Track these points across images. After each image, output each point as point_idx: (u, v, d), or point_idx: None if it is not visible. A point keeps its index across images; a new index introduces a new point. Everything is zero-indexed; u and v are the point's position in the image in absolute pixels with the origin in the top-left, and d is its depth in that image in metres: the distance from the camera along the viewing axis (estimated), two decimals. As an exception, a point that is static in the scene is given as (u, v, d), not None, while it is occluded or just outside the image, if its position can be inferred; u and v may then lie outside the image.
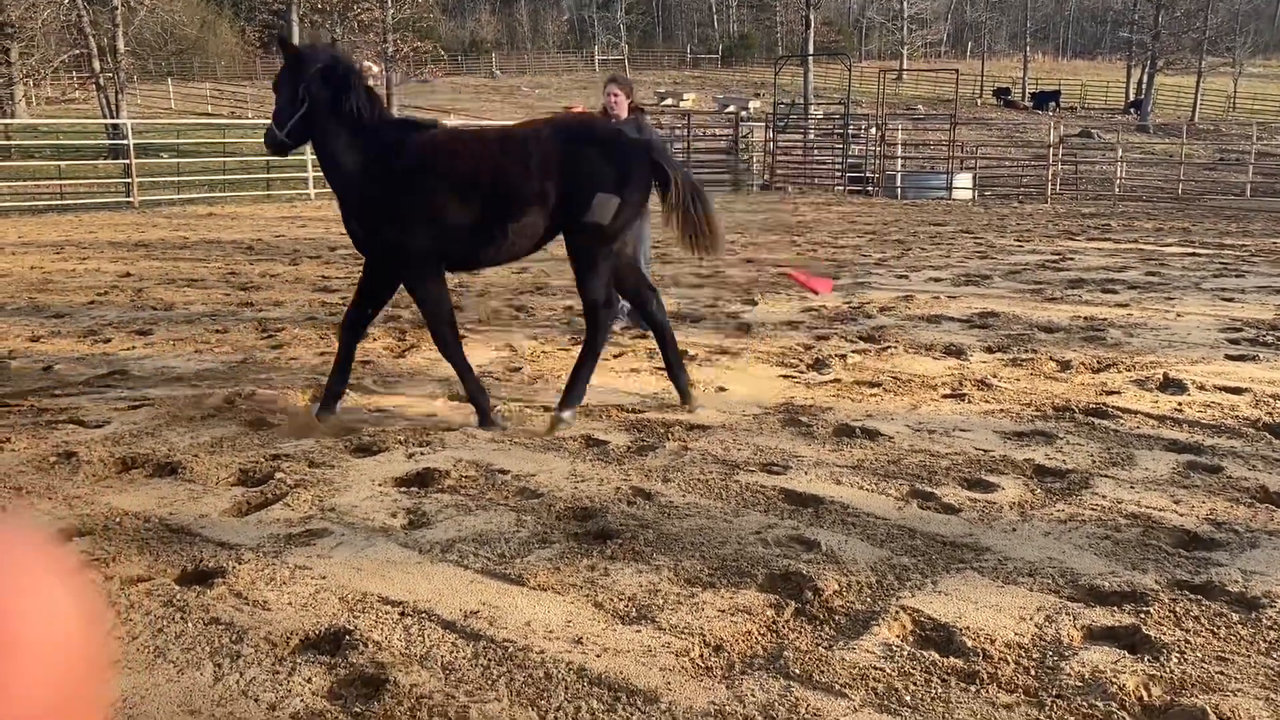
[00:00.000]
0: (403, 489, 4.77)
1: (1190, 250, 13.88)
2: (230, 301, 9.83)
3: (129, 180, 21.03)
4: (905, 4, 72.70)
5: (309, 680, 3.08)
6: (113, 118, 30.75)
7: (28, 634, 0.44)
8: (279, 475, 4.88)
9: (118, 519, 4.34)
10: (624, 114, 7.87)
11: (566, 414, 5.71)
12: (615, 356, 7.53)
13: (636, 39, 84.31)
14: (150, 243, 14.70)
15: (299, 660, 3.22)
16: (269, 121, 5.80)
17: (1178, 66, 60.23)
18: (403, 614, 3.50)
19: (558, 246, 5.89)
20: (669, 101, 58.49)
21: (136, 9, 33.47)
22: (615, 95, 7.97)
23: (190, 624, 3.43)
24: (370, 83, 5.88)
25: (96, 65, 32.42)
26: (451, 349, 5.80)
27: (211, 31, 66.07)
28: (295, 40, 38.94)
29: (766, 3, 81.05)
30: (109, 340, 8.10)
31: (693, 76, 73.74)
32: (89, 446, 5.28)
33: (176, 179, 23.93)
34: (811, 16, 52.70)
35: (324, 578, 3.78)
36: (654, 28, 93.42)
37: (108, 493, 4.68)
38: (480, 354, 7.57)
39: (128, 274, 11.60)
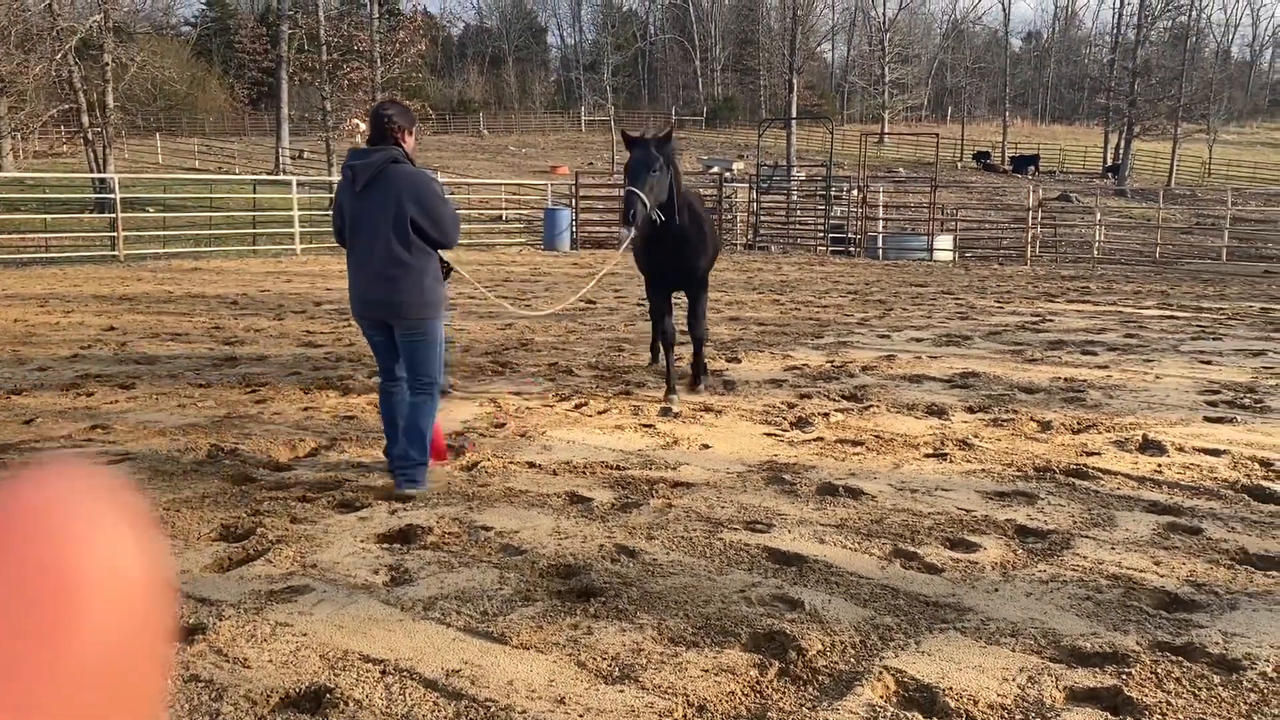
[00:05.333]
0: (385, 545, 4.75)
1: (1168, 313, 14.04)
2: (214, 356, 9.82)
3: (114, 234, 21.06)
4: (886, 69, 74.01)
5: (288, 739, 3.05)
6: (100, 172, 30.88)
7: (93, 571, 0.44)
8: (260, 531, 4.86)
9: (97, 574, 4.30)
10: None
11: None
12: (600, 413, 7.55)
13: (623, 100, 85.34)
14: (135, 296, 14.69)
15: (279, 719, 3.19)
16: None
17: (1154, 132, 61.40)
18: (384, 672, 3.48)
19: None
20: (654, 161, 58.98)
21: (127, 65, 33.72)
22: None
23: (169, 681, 3.40)
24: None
25: (85, 120, 32.60)
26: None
27: (201, 88, 66.65)
28: (283, 97, 39.23)
29: (750, 67, 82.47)
30: (92, 394, 8.07)
31: (678, 137, 74.56)
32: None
33: (162, 233, 23.96)
34: (795, 81, 53.62)
35: (305, 635, 3.76)
36: (640, 89, 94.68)
37: (87, 548, 4.64)
38: (463, 410, 7.58)
39: (112, 327, 11.58)
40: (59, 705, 0.43)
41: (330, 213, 5.98)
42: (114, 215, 21.14)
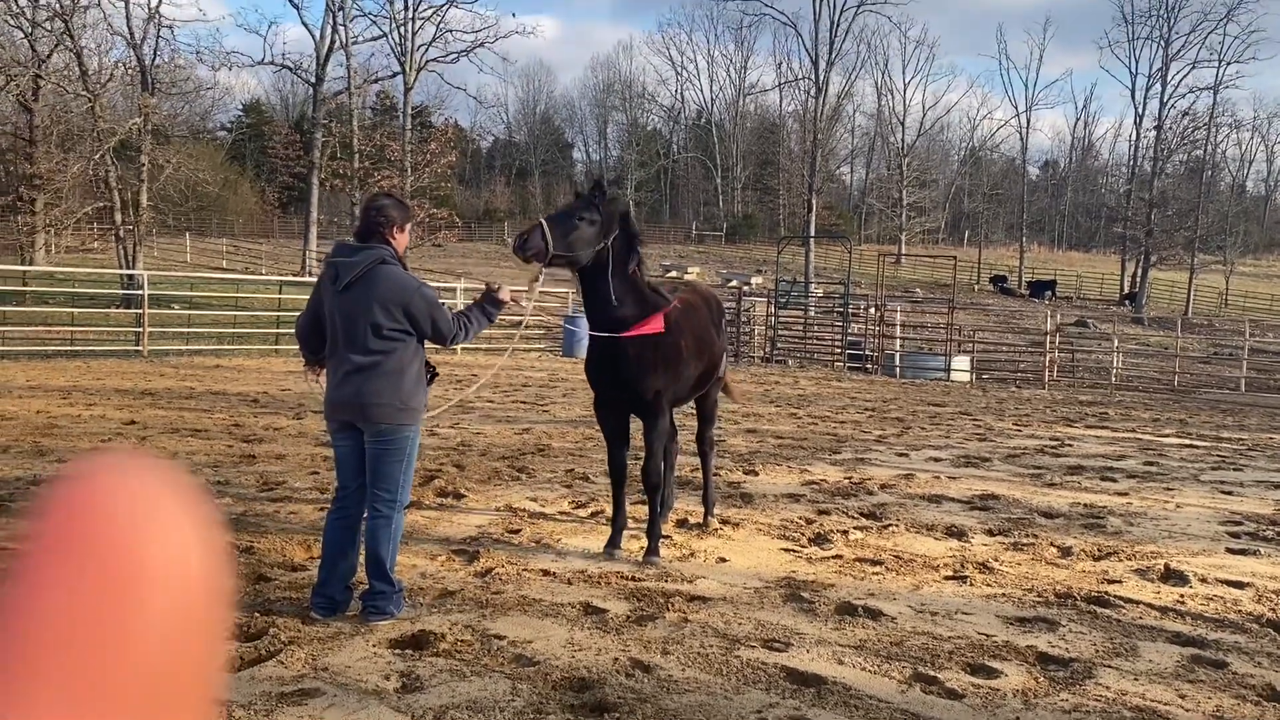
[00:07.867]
0: (397, 651, 4.70)
1: (1188, 442, 13.96)
2: (233, 453, 9.86)
3: (139, 329, 21.34)
4: (904, 193, 75.15)
5: None
6: (129, 268, 31.43)
7: (155, 565, 0.45)
8: (273, 631, 4.82)
9: (107, 670, 4.26)
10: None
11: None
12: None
13: (645, 214, 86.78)
14: (156, 391, 14.81)
15: (284, 826, 3.13)
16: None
17: (1171, 262, 61.87)
18: (393, 781, 3.41)
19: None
20: (673, 274, 59.92)
21: (163, 166, 34.59)
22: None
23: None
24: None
25: (118, 218, 33.32)
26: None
27: (233, 190, 68.10)
28: (313, 201, 40.03)
29: (770, 186, 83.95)
30: (109, 487, 8.08)
31: (698, 251, 75.60)
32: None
33: (186, 330, 24.27)
34: (814, 201, 54.58)
35: (314, 740, 3.70)
36: (662, 204, 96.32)
37: (99, 642, 4.61)
38: (478, 517, 7.56)
39: (133, 421, 11.66)
40: (114, 698, 0.43)
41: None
42: (140, 311, 21.45)
